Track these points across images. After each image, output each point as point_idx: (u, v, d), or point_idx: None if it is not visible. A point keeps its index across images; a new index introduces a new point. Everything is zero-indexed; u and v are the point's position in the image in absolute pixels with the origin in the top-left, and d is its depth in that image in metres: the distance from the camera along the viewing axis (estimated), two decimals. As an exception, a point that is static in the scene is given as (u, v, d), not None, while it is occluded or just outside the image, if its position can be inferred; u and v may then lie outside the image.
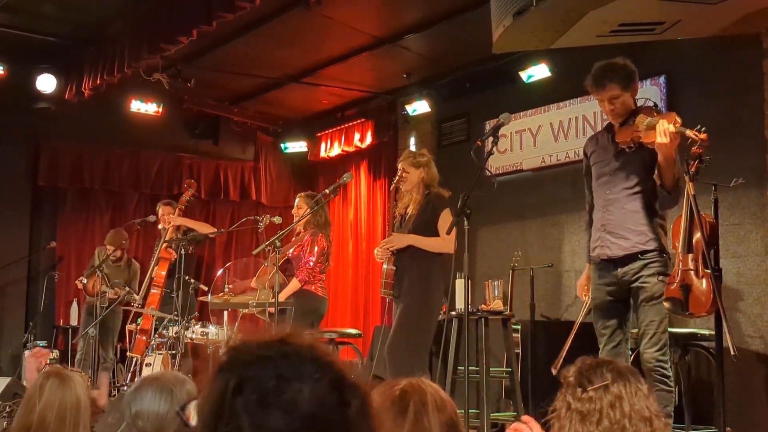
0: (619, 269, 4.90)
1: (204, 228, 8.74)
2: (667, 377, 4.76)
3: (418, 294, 6.05)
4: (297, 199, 7.92)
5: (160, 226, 9.02)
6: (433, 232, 6.15)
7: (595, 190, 5.12)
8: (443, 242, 6.10)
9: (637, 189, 4.90)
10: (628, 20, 3.80)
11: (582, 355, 2.41)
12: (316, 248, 7.53)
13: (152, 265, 8.74)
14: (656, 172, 4.70)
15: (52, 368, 3.40)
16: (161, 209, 8.97)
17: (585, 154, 5.29)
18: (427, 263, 6.15)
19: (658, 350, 4.76)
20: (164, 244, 8.68)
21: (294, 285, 7.42)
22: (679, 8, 3.60)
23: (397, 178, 6.36)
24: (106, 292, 8.53)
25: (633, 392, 2.23)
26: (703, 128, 4.49)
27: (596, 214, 5.08)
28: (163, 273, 8.56)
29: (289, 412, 1.19)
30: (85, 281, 8.81)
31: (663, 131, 4.47)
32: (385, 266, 6.26)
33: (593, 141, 5.26)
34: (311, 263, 7.47)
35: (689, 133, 4.46)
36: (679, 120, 4.54)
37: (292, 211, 7.93)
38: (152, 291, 8.59)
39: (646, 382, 2.31)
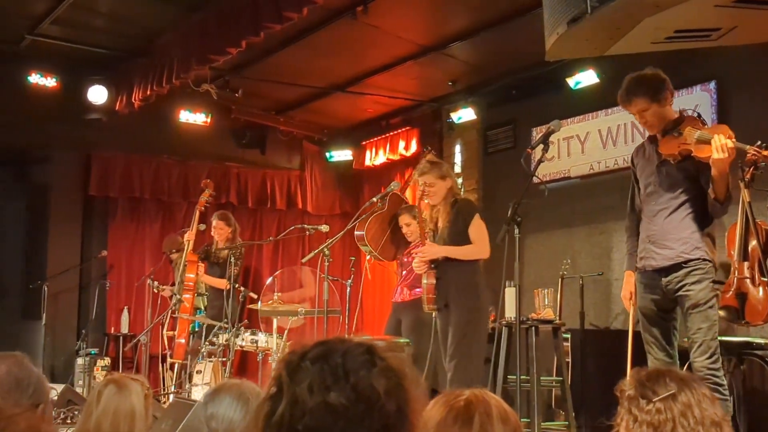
0: (663, 279, 4.88)
1: (219, 285, 8.67)
2: (721, 385, 4.69)
3: (468, 303, 6.07)
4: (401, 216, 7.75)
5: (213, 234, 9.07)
6: (467, 241, 6.15)
7: (643, 200, 5.12)
8: (477, 249, 6.12)
9: (681, 199, 4.88)
10: (683, 27, 3.77)
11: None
12: None
13: (180, 270, 8.78)
14: (710, 185, 4.64)
15: (112, 376, 3.45)
16: (215, 222, 8.99)
17: (633, 163, 5.29)
18: (471, 271, 6.16)
19: (707, 358, 4.71)
20: (191, 248, 8.71)
21: None
22: (736, 14, 3.57)
23: (421, 192, 6.35)
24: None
25: (700, 398, 2.22)
26: (764, 144, 4.41)
27: (642, 225, 5.09)
28: (192, 276, 8.61)
29: (326, 362, 1.49)
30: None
31: (720, 146, 4.40)
32: (425, 281, 6.27)
33: (640, 151, 5.25)
34: None
35: (750, 149, 4.38)
36: (731, 133, 4.48)
37: (404, 231, 7.78)
38: (184, 296, 8.64)
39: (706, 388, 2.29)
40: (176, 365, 8.57)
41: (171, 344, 8.90)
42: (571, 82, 8.71)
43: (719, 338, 4.84)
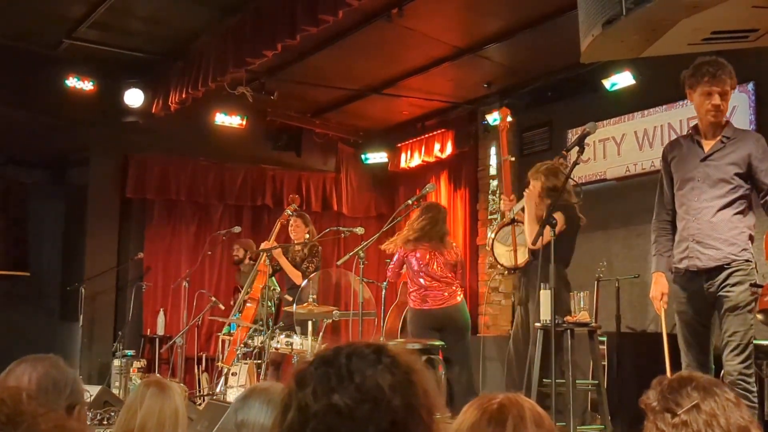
0: (705, 281, 4.78)
1: (292, 274, 8.62)
2: (750, 392, 4.62)
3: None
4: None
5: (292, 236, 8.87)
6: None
7: (678, 198, 4.97)
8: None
9: (728, 197, 4.77)
10: (720, 28, 3.73)
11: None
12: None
13: (250, 278, 8.78)
14: None
15: (152, 377, 3.49)
16: (292, 220, 8.83)
17: (665, 158, 5.12)
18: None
19: (741, 362, 4.63)
20: (263, 258, 8.64)
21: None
22: (774, 15, 3.54)
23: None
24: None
25: (724, 406, 2.18)
26: None
27: (681, 223, 4.94)
28: (261, 287, 8.60)
29: (330, 365, 1.50)
30: None
31: None
32: None
33: (675, 146, 5.10)
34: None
35: None
36: None
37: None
38: (248, 305, 8.65)
39: (731, 390, 2.26)
40: (224, 369, 8.58)
41: (224, 348, 8.93)
42: (607, 83, 8.65)
43: (757, 341, 4.79)
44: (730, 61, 6.85)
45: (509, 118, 7.53)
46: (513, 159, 7.40)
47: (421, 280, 7.48)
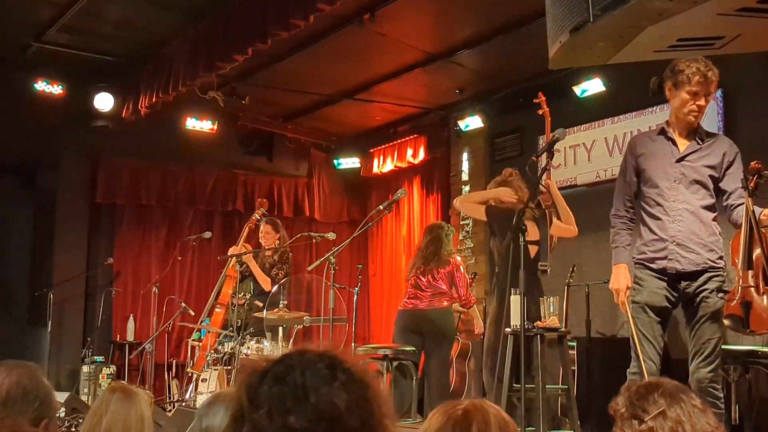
0: (682, 282, 4.77)
1: (261, 279, 8.50)
2: (719, 398, 4.64)
3: None
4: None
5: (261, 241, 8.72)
6: None
7: (652, 196, 4.90)
8: None
9: (705, 202, 4.78)
10: (686, 35, 3.74)
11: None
12: None
13: (219, 283, 8.71)
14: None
15: (117, 383, 3.46)
16: (262, 226, 8.68)
17: (632, 152, 5.03)
18: None
19: (711, 371, 4.65)
20: (233, 263, 8.54)
21: None
22: (739, 22, 3.54)
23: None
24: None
25: (690, 412, 2.20)
26: None
27: (654, 222, 4.88)
28: (230, 291, 8.53)
29: (284, 383, 1.46)
30: None
31: None
32: None
33: (646, 142, 5.01)
34: None
35: None
36: None
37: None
38: (216, 310, 8.59)
39: (697, 396, 2.28)
40: (194, 375, 8.51)
41: (193, 354, 8.87)
42: (577, 90, 8.71)
43: (725, 347, 4.82)
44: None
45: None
46: None
47: (417, 291, 7.65)
